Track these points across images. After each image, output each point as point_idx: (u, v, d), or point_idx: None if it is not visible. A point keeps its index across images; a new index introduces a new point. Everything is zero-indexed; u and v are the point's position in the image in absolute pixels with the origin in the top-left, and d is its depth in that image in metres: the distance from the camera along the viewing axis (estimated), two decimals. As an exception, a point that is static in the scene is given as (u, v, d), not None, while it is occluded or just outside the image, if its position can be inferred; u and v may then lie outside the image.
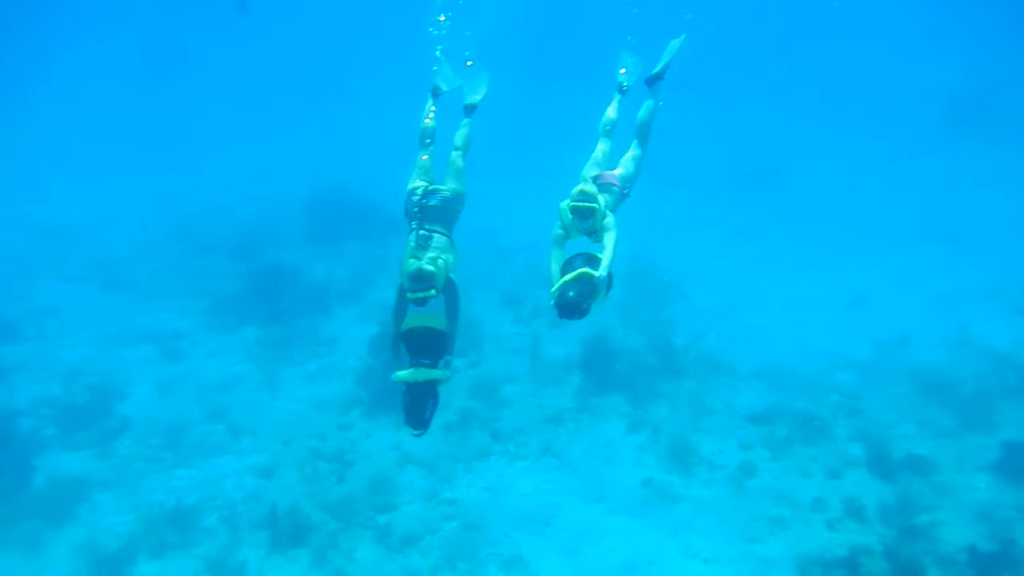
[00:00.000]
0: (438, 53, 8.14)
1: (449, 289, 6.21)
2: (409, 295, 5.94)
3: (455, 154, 7.20)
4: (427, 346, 6.03)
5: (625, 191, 7.20)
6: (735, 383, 16.95)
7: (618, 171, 7.34)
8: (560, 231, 6.72)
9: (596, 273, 6.13)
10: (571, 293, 6.09)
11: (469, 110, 7.75)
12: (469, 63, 8.20)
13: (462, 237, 7.04)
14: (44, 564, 12.18)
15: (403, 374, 5.94)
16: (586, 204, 6.49)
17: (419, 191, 6.66)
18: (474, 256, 18.86)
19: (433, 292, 5.94)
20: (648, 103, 7.68)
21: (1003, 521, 11.65)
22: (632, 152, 7.50)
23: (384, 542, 12.67)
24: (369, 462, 14.46)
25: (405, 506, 13.45)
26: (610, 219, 6.59)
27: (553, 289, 6.22)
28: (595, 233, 6.62)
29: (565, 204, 6.67)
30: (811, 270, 24.16)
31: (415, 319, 6.14)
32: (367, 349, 17.53)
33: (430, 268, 5.92)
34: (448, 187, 6.85)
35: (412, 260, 5.95)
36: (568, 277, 6.14)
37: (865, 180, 32.36)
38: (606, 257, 6.32)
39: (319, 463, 14.71)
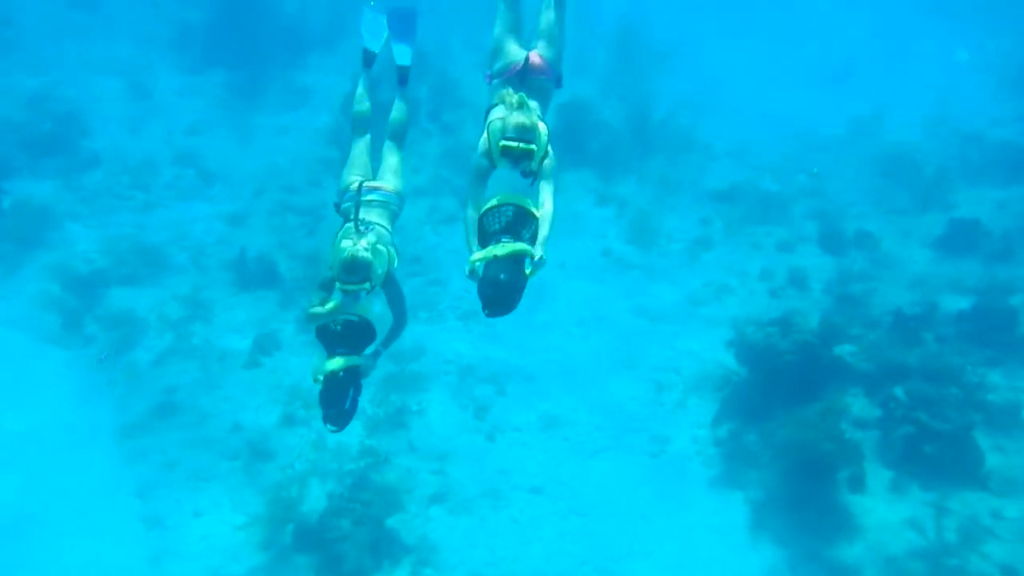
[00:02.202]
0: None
1: (391, 285, 5.27)
2: (340, 286, 4.95)
3: (389, 146, 5.90)
4: (350, 340, 5.14)
5: (559, 81, 5.37)
6: (706, 161, 16.98)
7: (543, 51, 5.33)
8: (483, 160, 4.97)
9: (537, 254, 4.56)
10: (503, 276, 4.48)
11: (403, 76, 5.98)
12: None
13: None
14: (19, 279, 12.69)
15: (322, 368, 5.03)
16: (523, 146, 4.77)
17: (354, 186, 5.50)
18: (460, 15, 17.97)
19: (368, 285, 4.95)
20: None
21: (933, 289, 12.31)
22: (547, 18, 5.45)
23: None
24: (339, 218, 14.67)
25: (372, 260, 13.89)
26: (550, 161, 4.93)
27: (473, 258, 4.60)
28: (529, 175, 4.98)
29: (496, 126, 4.86)
30: (804, 42, 23.15)
31: (355, 308, 5.17)
32: (340, 105, 17.17)
33: (366, 256, 4.92)
34: (387, 182, 5.71)
35: (347, 245, 4.94)
36: (501, 251, 4.51)
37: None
38: (544, 227, 4.72)
39: (288, 215, 14.97)
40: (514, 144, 4.74)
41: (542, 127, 4.92)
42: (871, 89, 20.11)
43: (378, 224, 5.35)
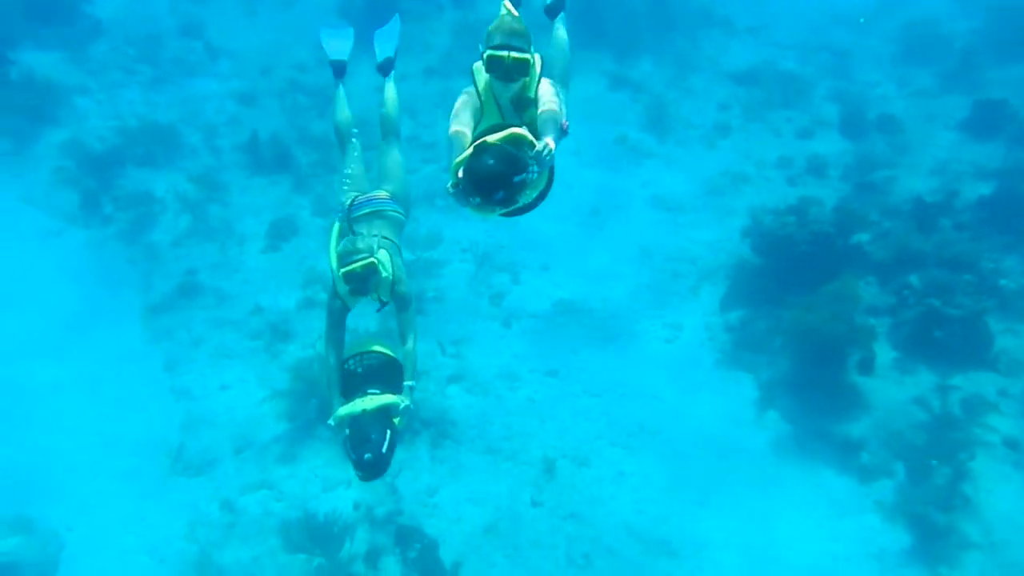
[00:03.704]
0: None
1: (400, 297, 4.87)
2: (342, 271, 4.59)
3: (383, 147, 5.57)
4: (376, 377, 4.73)
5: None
6: (725, 39, 16.30)
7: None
8: (472, 99, 4.14)
9: (539, 144, 3.64)
10: (491, 161, 3.60)
11: (385, 68, 5.69)
12: None
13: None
14: (34, 155, 12.57)
15: (344, 410, 4.54)
16: (516, 54, 3.87)
17: (347, 204, 5.23)
18: None
19: (370, 260, 4.58)
20: (559, 35, 5.03)
21: (954, 175, 12.12)
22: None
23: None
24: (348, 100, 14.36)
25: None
26: (548, 86, 4.07)
27: (457, 159, 3.69)
28: (526, 107, 4.17)
29: (479, 64, 4.14)
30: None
31: (357, 345, 4.88)
32: (346, -21, 16.49)
33: (364, 241, 4.69)
34: (384, 190, 5.31)
35: (339, 245, 4.79)
36: (495, 138, 3.63)
37: None
38: (551, 125, 3.88)
39: (299, 96, 14.67)
40: (503, 53, 3.84)
41: (538, 58, 4.12)
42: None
43: (381, 237, 5.02)
